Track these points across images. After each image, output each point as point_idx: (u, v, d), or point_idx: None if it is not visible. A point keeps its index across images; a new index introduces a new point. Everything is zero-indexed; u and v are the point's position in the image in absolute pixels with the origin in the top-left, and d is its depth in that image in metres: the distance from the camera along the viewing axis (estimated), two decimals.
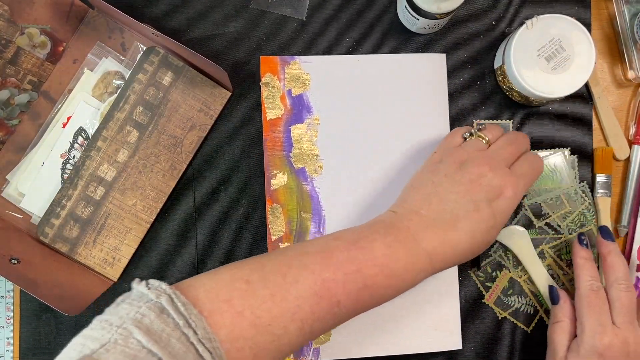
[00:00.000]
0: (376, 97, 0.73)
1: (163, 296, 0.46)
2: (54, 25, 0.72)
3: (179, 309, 0.45)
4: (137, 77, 0.71)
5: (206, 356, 0.44)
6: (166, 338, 0.44)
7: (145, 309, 0.45)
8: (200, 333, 0.45)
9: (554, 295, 0.68)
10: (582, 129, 0.73)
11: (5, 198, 0.73)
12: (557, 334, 0.65)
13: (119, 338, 0.43)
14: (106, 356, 0.41)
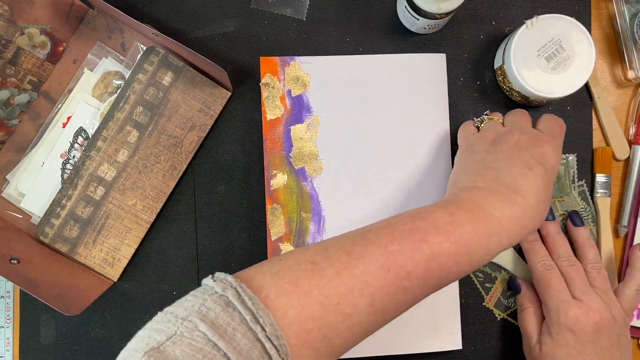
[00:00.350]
0: (376, 97, 0.73)
1: (229, 290, 0.45)
2: (54, 25, 0.72)
3: (246, 303, 0.44)
4: (137, 77, 0.71)
5: (272, 353, 0.43)
6: (231, 332, 0.43)
7: (210, 302, 0.45)
8: (269, 330, 0.44)
9: (515, 285, 0.69)
10: (582, 129, 0.73)
11: (5, 198, 0.73)
12: (526, 321, 0.66)
13: (184, 331, 0.42)
14: (172, 348, 0.41)
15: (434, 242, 0.51)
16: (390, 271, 0.50)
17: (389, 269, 0.50)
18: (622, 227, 0.72)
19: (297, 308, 0.46)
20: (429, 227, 0.52)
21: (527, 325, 0.66)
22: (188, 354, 0.41)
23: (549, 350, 0.62)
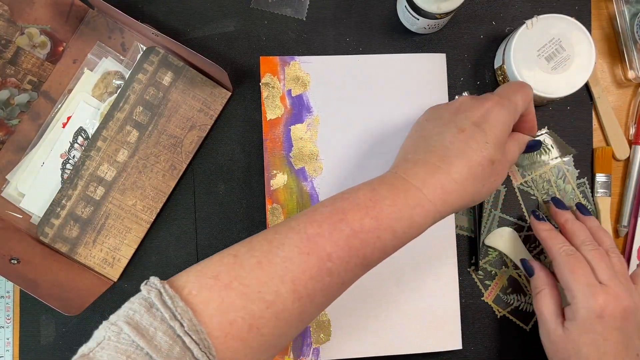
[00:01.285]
0: (376, 97, 0.73)
1: (153, 291, 0.47)
2: (54, 25, 0.72)
3: (166, 302, 0.46)
4: (137, 77, 0.71)
5: (193, 347, 0.44)
6: (153, 332, 0.44)
7: (137, 305, 0.46)
8: (187, 325, 0.45)
9: (528, 267, 0.67)
10: (582, 129, 0.73)
11: (5, 198, 0.73)
12: (542, 304, 0.63)
13: (112, 335, 0.44)
14: (101, 354, 0.43)
15: (353, 219, 0.51)
16: (310, 254, 0.49)
17: (308, 253, 0.49)
18: (622, 227, 0.72)
19: (217, 300, 0.47)
20: (350, 205, 0.52)
21: (544, 308, 0.63)
22: (114, 357, 0.42)
23: (574, 336, 0.59)
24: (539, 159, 0.70)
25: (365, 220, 0.51)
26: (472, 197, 0.55)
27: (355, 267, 0.52)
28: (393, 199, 0.52)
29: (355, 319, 0.71)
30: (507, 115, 0.56)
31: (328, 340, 0.71)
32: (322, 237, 0.50)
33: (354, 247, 0.51)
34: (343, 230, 0.50)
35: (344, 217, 0.51)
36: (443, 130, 0.56)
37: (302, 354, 0.71)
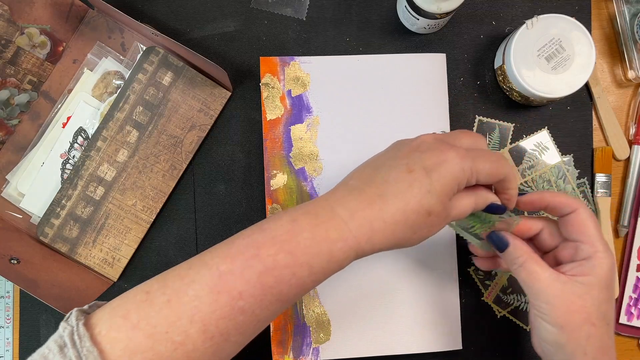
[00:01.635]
0: (376, 97, 0.73)
1: (67, 329, 0.46)
2: (54, 25, 0.72)
3: (76, 342, 0.45)
4: (137, 77, 0.71)
5: None
6: None
7: (52, 343, 0.46)
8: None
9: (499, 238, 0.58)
10: (582, 129, 0.73)
11: (5, 198, 0.73)
12: (536, 268, 0.55)
13: None
14: None
15: (267, 255, 0.48)
16: (220, 293, 0.47)
17: (219, 292, 0.47)
18: (622, 227, 0.72)
19: (124, 341, 0.45)
20: (265, 239, 0.49)
21: (541, 269, 0.55)
22: None
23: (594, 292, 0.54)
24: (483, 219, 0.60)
25: (280, 255, 0.48)
26: (399, 242, 0.52)
27: (270, 305, 0.49)
28: (312, 231, 0.49)
29: (355, 319, 0.71)
30: (461, 173, 0.51)
31: (328, 340, 0.71)
32: (233, 275, 0.48)
33: (267, 284, 0.48)
34: (255, 267, 0.48)
35: (258, 252, 0.48)
36: (392, 165, 0.52)
37: (302, 354, 0.71)
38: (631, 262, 0.72)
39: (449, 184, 0.51)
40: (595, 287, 0.53)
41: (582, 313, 0.53)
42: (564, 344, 0.54)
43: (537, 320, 0.56)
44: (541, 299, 0.54)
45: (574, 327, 0.53)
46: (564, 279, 0.54)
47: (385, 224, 0.50)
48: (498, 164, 0.53)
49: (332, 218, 0.50)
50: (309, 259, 0.49)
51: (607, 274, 0.54)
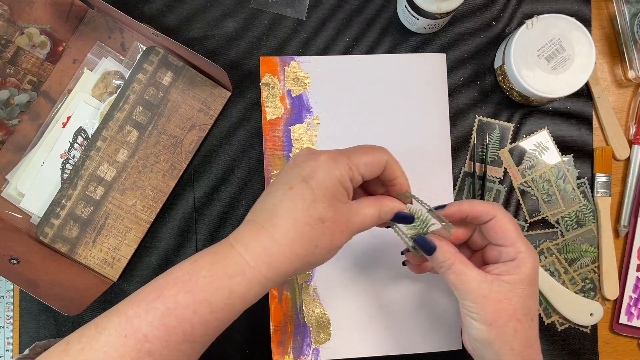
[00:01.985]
0: (376, 97, 0.73)
1: None
2: (54, 25, 0.72)
3: None
4: (136, 77, 0.71)
5: None
6: None
7: None
8: None
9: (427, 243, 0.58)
10: (582, 129, 0.73)
11: (5, 198, 0.73)
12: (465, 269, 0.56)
13: None
14: None
15: (168, 295, 0.49)
16: (127, 337, 0.48)
17: (126, 335, 0.48)
18: (622, 227, 0.72)
19: None
20: (168, 280, 0.50)
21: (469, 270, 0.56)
22: None
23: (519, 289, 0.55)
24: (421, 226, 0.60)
25: (180, 295, 0.49)
26: (305, 259, 0.51)
27: (178, 345, 0.49)
28: (210, 269, 0.50)
29: (355, 319, 0.71)
30: (339, 171, 0.51)
31: (328, 340, 0.71)
32: (138, 318, 0.48)
33: (170, 325, 0.48)
34: (158, 308, 0.48)
35: (160, 294, 0.49)
36: (277, 189, 0.52)
37: (302, 354, 0.71)
38: (631, 262, 0.72)
39: (331, 186, 0.51)
40: (519, 285, 0.55)
41: (509, 310, 0.55)
42: (492, 340, 0.55)
43: (467, 319, 0.57)
44: (470, 299, 0.55)
45: (501, 323, 0.55)
46: (490, 278, 0.55)
47: (280, 246, 0.50)
48: (374, 153, 0.54)
49: (230, 254, 0.50)
50: (208, 295, 0.49)
51: (531, 271, 0.55)
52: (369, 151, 0.54)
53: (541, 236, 0.73)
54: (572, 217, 0.73)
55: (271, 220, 0.50)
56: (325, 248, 0.52)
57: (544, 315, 0.72)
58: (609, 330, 0.73)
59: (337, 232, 0.52)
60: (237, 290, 0.49)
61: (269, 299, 0.72)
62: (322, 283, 0.71)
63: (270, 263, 0.50)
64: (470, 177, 0.73)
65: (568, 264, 0.72)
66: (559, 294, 0.71)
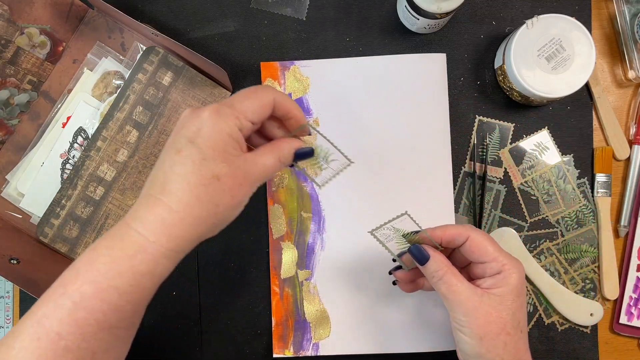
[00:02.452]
0: (376, 98, 0.73)
1: None
2: (54, 25, 0.72)
3: None
4: (136, 77, 0.71)
5: None
6: None
7: None
8: None
9: (420, 252, 0.58)
10: (582, 129, 0.73)
11: (4, 198, 0.73)
12: (455, 281, 0.56)
13: None
14: None
15: (72, 290, 0.47)
16: (40, 339, 0.46)
17: (39, 338, 0.46)
18: (622, 227, 0.72)
19: None
20: (71, 274, 0.48)
21: (459, 282, 0.56)
22: None
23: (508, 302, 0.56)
24: None
25: (84, 287, 0.47)
26: (209, 221, 0.50)
27: (95, 335, 0.48)
28: (109, 254, 0.48)
29: (355, 316, 0.71)
30: (225, 124, 0.49)
31: (327, 336, 0.71)
32: (47, 318, 0.47)
33: (81, 318, 0.47)
34: (65, 304, 0.47)
35: (65, 290, 0.47)
36: (165, 157, 0.50)
37: (302, 348, 0.71)
38: (631, 262, 0.72)
39: (219, 141, 0.49)
40: (508, 298, 0.56)
41: (499, 323, 0.55)
42: (483, 354, 0.55)
43: (458, 335, 0.57)
44: (460, 312, 0.56)
45: (492, 337, 0.55)
46: (480, 292, 0.56)
47: (178, 213, 0.48)
48: (257, 95, 0.52)
49: (126, 234, 0.48)
50: (112, 282, 0.47)
51: (518, 282, 0.56)
52: (252, 94, 0.52)
53: (541, 236, 0.73)
54: (572, 217, 0.73)
55: (164, 190, 0.48)
56: (228, 206, 0.50)
57: (544, 315, 0.72)
58: (609, 331, 0.73)
59: (236, 187, 0.50)
60: (141, 270, 0.48)
61: (270, 295, 0.72)
62: (322, 281, 0.71)
63: (170, 234, 0.48)
64: (470, 177, 0.73)
65: (568, 264, 0.72)
66: (559, 294, 0.71)
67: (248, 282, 0.73)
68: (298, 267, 0.72)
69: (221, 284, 0.74)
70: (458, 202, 0.73)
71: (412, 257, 0.58)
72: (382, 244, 0.60)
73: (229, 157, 0.49)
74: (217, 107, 0.50)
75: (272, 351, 0.72)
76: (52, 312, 0.47)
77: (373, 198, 0.72)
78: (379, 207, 0.72)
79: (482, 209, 0.72)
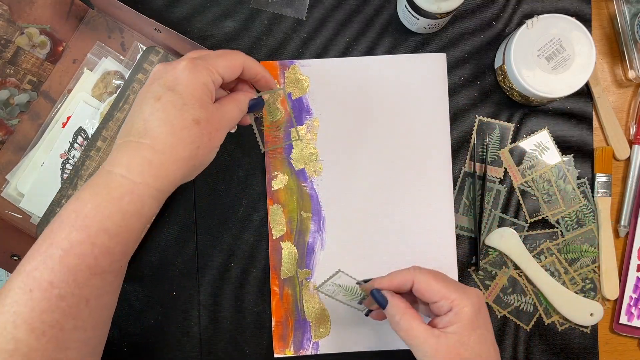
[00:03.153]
0: (376, 97, 0.73)
1: None
2: (54, 25, 0.72)
3: None
4: (136, 77, 0.71)
5: None
6: None
7: None
8: None
9: (381, 297, 0.60)
10: (582, 129, 0.73)
11: (4, 198, 0.73)
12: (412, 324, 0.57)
13: None
14: None
15: (60, 240, 0.49)
16: (33, 291, 0.48)
17: (31, 289, 0.48)
18: (622, 227, 0.72)
19: None
20: (56, 226, 0.50)
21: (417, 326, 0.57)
22: None
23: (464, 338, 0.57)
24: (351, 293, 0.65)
25: (73, 235, 0.49)
26: (190, 163, 0.54)
27: (87, 281, 0.50)
28: (95, 200, 0.50)
29: (354, 315, 0.71)
30: (200, 75, 0.54)
31: (327, 334, 0.72)
32: (37, 270, 0.48)
33: (72, 264, 0.49)
34: (54, 254, 0.49)
35: (52, 241, 0.49)
36: (142, 105, 0.53)
37: (302, 347, 0.72)
38: (631, 262, 0.72)
39: (197, 89, 0.54)
40: (464, 334, 0.56)
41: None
42: None
43: None
44: (421, 354, 0.57)
45: None
46: (436, 332, 0.57)
47: (163, 154, 0.52)
48: (229, 56, 0.58)
49: (110, 180, 0.51)
50: (101, 225, 0.50)
51: (471, 315, 0.57)
52: (225, 54, 0.58)
53: (541, 236, 0.73)
54: (572, 217, 0.73)
55: (147, 134, 0.52)
56: (207, 148, 0.55)
57: (544, 315, 0.72)
58: (609, 330, 0.73)
59: (214, 131, 0.55)
60: (129, 210, 0.51)
61: (270, 295, 0.73)
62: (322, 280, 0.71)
63: (157, 174, 0.52)
64: (470, 177, 0.73)
65: (568, 264, 0.72)
66: (559, 294, 0.71)
67: (248, 282, 0.74)
68: (298, 266, 0.72)
69: (221, 284, 0.74)
70: (458, 202, 0.73)
71: (375, 300, 0.61)
72: (331, 297, 0.64)
73: (204, 104, 0.54)
74: (192, 60, 0.55)
75: (273, 351, 0.72)
76: (42, 263, 0.49)
77: (373, 198, 0.72)
78: (378, 207, 0.72)
79: (482, 209, 0.72)
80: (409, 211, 0.72)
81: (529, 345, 0.72)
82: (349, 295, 0.65)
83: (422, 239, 0.71)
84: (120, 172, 0.51)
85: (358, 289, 0.65)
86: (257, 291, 0.73)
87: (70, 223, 0.49)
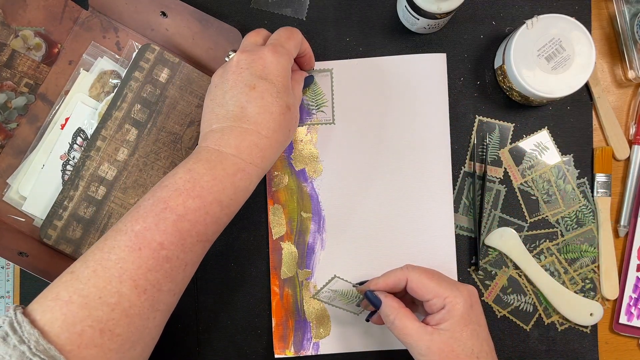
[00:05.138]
0: (376, 98, 0.73)
1: (6, 320, 0.48)
2: (48, 27, 0.72)
3: (16, 329, 0.47)
4: (133, 75, 0.71)
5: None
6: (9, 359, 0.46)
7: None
8: (34, 346, 0.46)
9: (374, 298, 0.62)
10: (582, 129, 0.73)
11: (6, 202, 0.73)
12: (406, 323, 0.59)
13: None
14: None
15: (175, 205, 0.53)
16: (142, 249, 0.51)
17: (140, 248, 0.51)
18: (622, 227, 0.73)
19: (60, 318, 0.48)
20: (169, 193, 0.54)
21: (411, 324, 0.59)
22: None
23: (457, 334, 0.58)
24: None
25: (189, 202, 0.54)
26: (284, 145, 0.61)
27: (193, 246, 0.54)
28: (211, 174, 0.55)
29: (354, 315, 0.71)
30: (284, 61, 0.60)
31: (327, 335, 0.72)
32: (149, 231, 0.52)
33: (184, 229, 0.53)
34: (168, 218, 0.53)
35: (167, 205, 0.53)
36: (235, 93, 0.59)
37: (303, 348, 0.72)
38: (631, 262, 0.72)
39: (284, 76, 0.60)
40: (457, 329, 0.58)
41: (452, 357, 0.58)
42: None
43: None
44: (416, 352, 0.59)
45: None
46: (430, 330, 0.59)
47: (268, 139, 0.58)
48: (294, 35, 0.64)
49: (224, 158, 0.56)
50: (217, 196, 0.55)
51: (463, 311, 0.59)
52: (292, 35, 0.64)
53: (541, 236, 0.73)
54: (572, 217, 0.73)
55: (249, 120, 0.58)
56: (293, 130, 0.63)
57: (544, 315, 0.73)
58: (609, 330, 0.73)
59: (297, 113, 0.63)
60: (240, 186, 0.57)
61: (270, 295, 0.73)
62: (322, 280, 0.72)
63: (263, 156, 0.58)
64: (470, 177, 0.73)
65: (568, 264, 0.72)
66: (559, 294, 0.71)
67: (248, 282, 0.74)
68: (298, 267, 0.72)
69: (221, 284, 0.74)
70: (458, 202, 0.73)
71: (369, 302, 0.63)
72: (328, 303, 0.68)
73: (289, 89, 0.61)
74: (274, 47, 0.60)
75: (273, 351, 0.72)
76: (154, 225, 0.52)
77: (373, 198, 0.72)
78: (378, 207, 0.72)
79: (482, 209, 0.72)
80: (409, 211, 0.72)
81: (529, 345, 0.73)
82: (345, 299, 0.67)
83: (421, 239, 0.72)
84: (231, 152, 0.56)
85: (355, 293, 0.66)
86: (257, 291, 0.74)
87: (186, 191, 0.54)
